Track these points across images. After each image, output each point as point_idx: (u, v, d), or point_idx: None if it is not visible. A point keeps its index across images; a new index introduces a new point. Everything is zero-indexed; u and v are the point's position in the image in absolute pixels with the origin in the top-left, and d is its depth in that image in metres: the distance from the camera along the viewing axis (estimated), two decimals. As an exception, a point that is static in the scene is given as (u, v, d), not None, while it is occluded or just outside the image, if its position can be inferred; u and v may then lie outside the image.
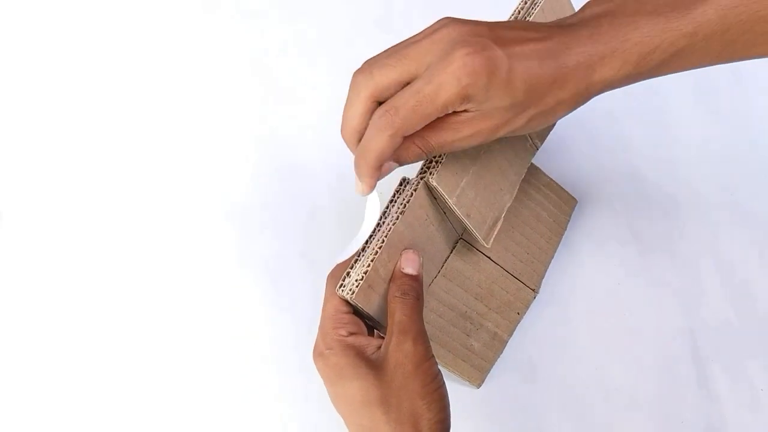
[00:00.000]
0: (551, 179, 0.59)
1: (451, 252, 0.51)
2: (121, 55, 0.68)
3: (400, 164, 0.40)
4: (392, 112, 0.36)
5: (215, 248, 0.61)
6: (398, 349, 0.40)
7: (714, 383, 0.55)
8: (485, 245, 0.48)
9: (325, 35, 0.68)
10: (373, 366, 0.40)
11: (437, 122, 0.38)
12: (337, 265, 0.44)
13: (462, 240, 0.52)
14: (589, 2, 0.41)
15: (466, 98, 0.36)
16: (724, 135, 0.64)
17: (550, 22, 0.41)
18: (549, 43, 0.38)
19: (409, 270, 0.43)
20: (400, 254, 0.43)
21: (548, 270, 0.59)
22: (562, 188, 0.60)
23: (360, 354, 0.41)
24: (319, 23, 0.69)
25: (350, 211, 0.61)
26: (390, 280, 0.43)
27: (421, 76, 0.36)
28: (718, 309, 0.58)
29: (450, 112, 0.37)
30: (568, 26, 0.39)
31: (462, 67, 0.35)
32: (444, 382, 0.41)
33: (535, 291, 0.57)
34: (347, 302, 0.43)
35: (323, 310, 0.43)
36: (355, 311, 0.43)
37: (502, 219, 0.49)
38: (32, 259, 0.60)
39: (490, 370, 0.56)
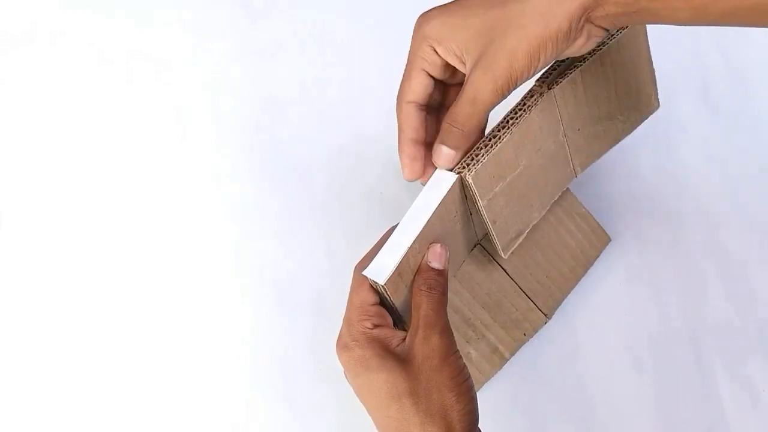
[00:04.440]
0: (588, 211, 0.58)
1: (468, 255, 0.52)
2: (123, 63, 0.68)
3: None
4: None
5: (215, 252, 0.60)
6: (425, 343, 0.40)
7: (715, 384, 0.56)
8: (502, 256, 0.49)
9: (329, 34, 0.69)
10: (399, 359, 0.40)
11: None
12: (365, 257, 0.44)
13: (479, 245, 0.52)
14: None
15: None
16: (725, 136, 0.65)
17: None
18: None
19: (436, 264, 0.43)
20: (428, 247, 0.43)
21: None
22: (597, 223, 0.59)
23: (385, 347, 0.41)
24: (323, 20, 0.69)
25: (354, 216, 0.61)
26: (416, 272, 0.43)
27: None
28: (719, 309, 0.58)
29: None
30: None
31: None
32: (470, 375, 0.41)
33: (547, 316, 0.56)
34: (374, 293, 0.42)
35: (349, 301, 0.43)
36: (381, 302, 0.43)
37: (525, 234, 0.49)
38: (32, 259, 0.59)
39: (484, 383, 0.55)
